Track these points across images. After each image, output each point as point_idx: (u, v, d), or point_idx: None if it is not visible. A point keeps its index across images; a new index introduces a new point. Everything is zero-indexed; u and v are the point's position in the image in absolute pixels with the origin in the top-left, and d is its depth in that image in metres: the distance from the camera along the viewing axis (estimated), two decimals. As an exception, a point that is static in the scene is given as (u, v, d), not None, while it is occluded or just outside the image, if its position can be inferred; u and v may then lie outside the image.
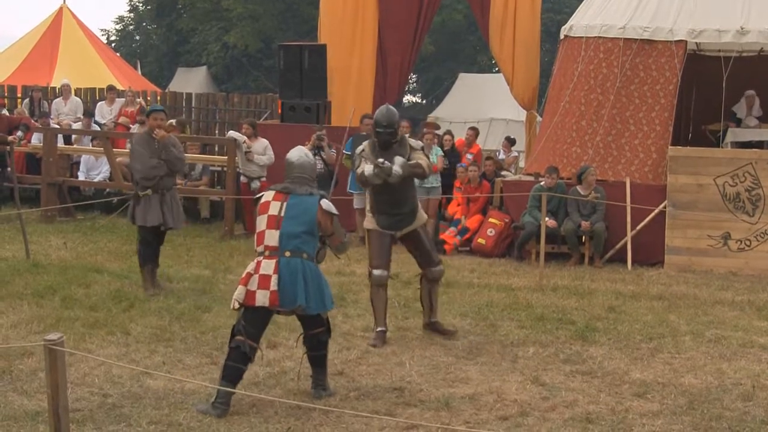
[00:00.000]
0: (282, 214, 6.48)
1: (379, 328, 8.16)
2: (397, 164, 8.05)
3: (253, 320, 6.41)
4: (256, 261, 6.42)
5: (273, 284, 6.30)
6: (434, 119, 24.89)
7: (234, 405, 6.32)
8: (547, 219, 11.62)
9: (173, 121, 16.20)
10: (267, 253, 6.40)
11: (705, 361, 7.82)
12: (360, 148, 8.38)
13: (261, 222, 6.53)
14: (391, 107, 8.42)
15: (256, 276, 6.34)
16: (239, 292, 6.34)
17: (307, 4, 35.16)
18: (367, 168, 8.03)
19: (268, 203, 6.56)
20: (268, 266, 6.35)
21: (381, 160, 7.99)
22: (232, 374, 6.34)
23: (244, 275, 6.42)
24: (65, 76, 19.20)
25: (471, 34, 37.83)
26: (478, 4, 16.33)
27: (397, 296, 9.95)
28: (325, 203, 6.65)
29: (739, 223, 12.09)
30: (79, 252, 11.92)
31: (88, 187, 15.40)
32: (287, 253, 6.38)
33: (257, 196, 6.84)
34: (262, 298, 6.31)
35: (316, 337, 6.64)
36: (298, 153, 6.85)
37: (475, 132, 15.63)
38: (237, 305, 6.36)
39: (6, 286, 9.65)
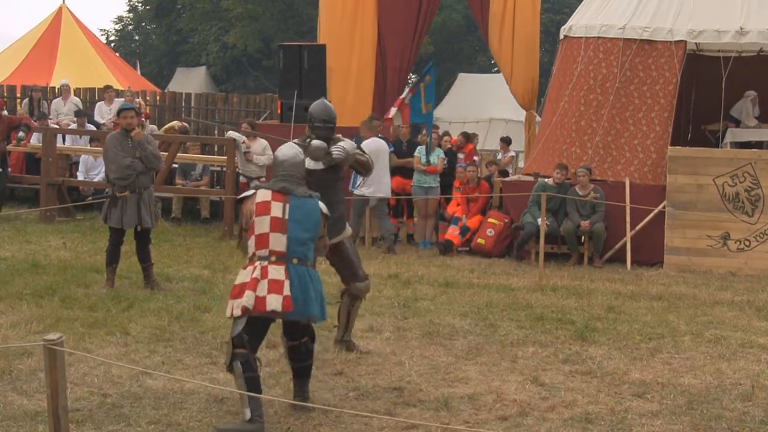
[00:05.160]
0: (286, 216, 6.08)
1: None
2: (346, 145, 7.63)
3: (255, 330, 6.00)
4: (260, 266, 5.97)
5: (286, 289, 5.90)
6: (433, 119, 24.87)
7: (233, 405, 6.31)
8: (540, 220, 11.61)
9: (176, 123, 16.25)
10: (274, 258, 5.99)
11: (704, 361, 7.82)
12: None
13: (262, 224, 6.06)
14: (328, 102, 7.93)
15: (265, 281, 5.90)
16: (248, 298, 5.85)
17: (307, 4, 35.18)
18: (308, 161, 7.33)
19: (268, 204, 6.10)
20: (277, 272, 5.94)
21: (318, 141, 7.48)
22: (254, 385, 5.94)
23: (249, 281, 5.92)
24: (64, 76, 19.23)
25: (470, 35, 37.86)
26: (477, 2, 16.32)
27: (396, 296, 9.96)
28: (323, 206, 6.37)
29: (739, 224, 12.10)
30: (78, 252, 11.92)
31: (87, 188, 15.41)
32: (294, 260, 6.02)
33: (243, 195, 6.34)
34: (275, 303, 5.86)
35: (304, 346, 6.39)
36: (292, 151, 6.45)
37: (465, 137, 15.62)
38: (239, 312, 5.91)
39: (5, 286, 9.65)
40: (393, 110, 13.65)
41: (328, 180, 7.58)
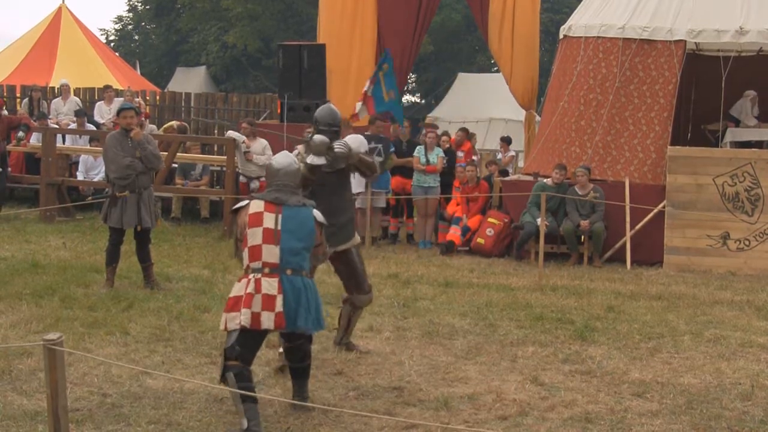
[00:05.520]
0: (279, 227, 6.02)
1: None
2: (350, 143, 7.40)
3: (250, 344, 5.95)
4: (254, 279, 5.94)
5: (278, 305, 5.87)
6: (433, 119, 24.93)
7: (233, 405, 6.30)
8: (539, 220, 11.62)
9: (174, 123, 16.26)
10: (267, 270, 5.94)
11: (704, 361, 7.83)
12: (296, 151, 7.57)
13: (255, 235, 6.01)
14: (333, 106, 7.79)
15: (259, 296, 5.87)
16: (245, 316, 5.84)
17: (306, 4, 35.18)
18: (310, 157, 7.28)
19: (260, 215, 6.05)
20: (270, 285, 5.90)
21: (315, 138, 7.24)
22: (250, 392, 5.90)
23: (244, 296, 5.90)
24: (64, 76, 19.22)
25: (470, 34, 37.86)
26: (477, 2, 16.32)
27: (396, 296, 9.96)
28: (317, 214, 6.30)
29: (738, 223, 12.10)
30: (78, 252, 11.92)
31: (87, 187, 15.42)
32: (289, 271, 5.97)
33: (237, 206, 6.27)
34: (267, 321, 5.86)
35: (300, 348, 6.38)
36: (286, 160, 6.37)
37: (464, 133, 15.66)
38: (234, 327, 5.89)
39: (5, 285, 9.65)
40: (358, 105, 13.78)
41: (332, 183, 7.44)
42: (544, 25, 22.83)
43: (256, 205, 6.12)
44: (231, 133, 14.41)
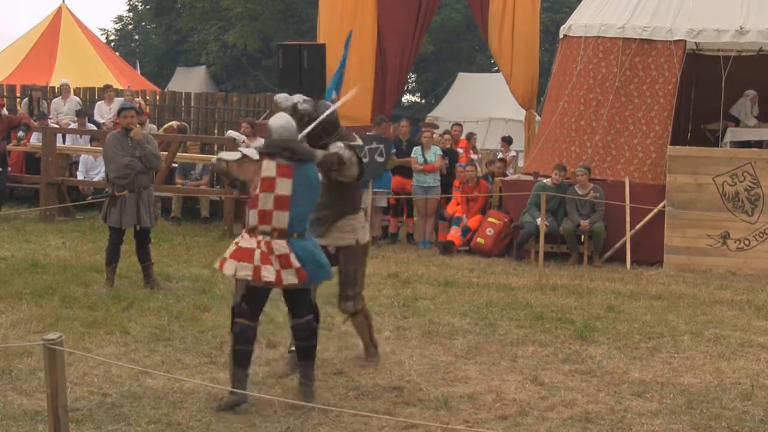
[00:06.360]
0: (290, 192, 6.23)
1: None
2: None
3: (255, 300, 6.29)
4: (264, 242, 6.19)
5: (295, 262, 6.19)
6: (433, 119, 24.90)
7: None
8: (539, 220, 11.62)
9: (174, 123, 16.25)
10: (276, 234, 6.23)
11: (704, 361, 7.83)
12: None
13: (266, 201, 6.21)
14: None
15: (273, 257, 6.17)
16: (244, 270, 6.16)
17: (306, 4, 35.18)
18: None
19: (273, 180, 6.20)
20: (281, 246, 6.20)
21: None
22: (243, 358, 6.28)
23: (235, 250, 6.23)
24: (64, 76, 19.21)
25: (470, 34, 37.87)
26: (477, 1, 16.32)
27: (396, 296, 9.96)
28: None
29: (738, 223, 12.11)
30: (78, 251, 11.92)
31: (87, 187, 15.41)
32: (295, 235, 6.27)
33: (242, 157, 6.30)
34: (290, 278, 6.17)
35: (307, 325, 6.49)
36: (282, 120, 6.38)
37: (460, 128, 15.69)
38: (246, 278, 6.16)
39: (5, 285, 9.65)
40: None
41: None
42: (544, 25, 22.82)
43: (268, 168, 6.24)
44: (231, 133, 14.41)
